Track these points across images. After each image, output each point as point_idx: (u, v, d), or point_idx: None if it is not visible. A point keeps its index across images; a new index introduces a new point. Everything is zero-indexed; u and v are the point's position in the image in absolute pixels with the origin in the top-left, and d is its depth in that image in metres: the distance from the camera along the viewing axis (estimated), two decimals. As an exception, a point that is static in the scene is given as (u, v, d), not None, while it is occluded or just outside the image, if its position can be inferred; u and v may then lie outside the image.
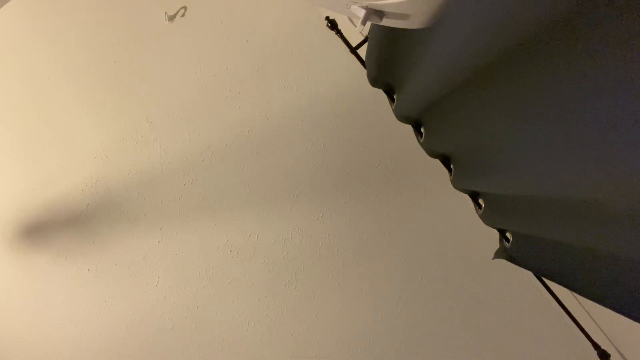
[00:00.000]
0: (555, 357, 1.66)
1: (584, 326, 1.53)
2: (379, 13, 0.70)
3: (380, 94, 1.59)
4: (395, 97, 1.51)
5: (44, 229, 1.69)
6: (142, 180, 1.71)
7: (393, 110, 1.55)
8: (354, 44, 1.58)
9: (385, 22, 0.73)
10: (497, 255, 1.55)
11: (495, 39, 0.71)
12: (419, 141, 1.55)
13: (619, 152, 0.59)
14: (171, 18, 1.75)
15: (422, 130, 1.50)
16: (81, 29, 1.74)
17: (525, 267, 1.38)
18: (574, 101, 0.64)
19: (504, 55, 0.73)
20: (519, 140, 0.87)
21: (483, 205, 1.49)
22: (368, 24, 0.73)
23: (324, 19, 1.61)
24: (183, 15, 1.76)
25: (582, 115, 0.64)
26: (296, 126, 1.74)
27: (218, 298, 1.70)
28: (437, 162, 1.58)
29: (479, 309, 1.70)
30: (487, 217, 1.47)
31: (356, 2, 0.70)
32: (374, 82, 1.53)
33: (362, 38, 1.57)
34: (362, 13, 0.70)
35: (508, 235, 1.50)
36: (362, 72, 1.61)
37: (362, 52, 1.56)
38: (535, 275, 1.57)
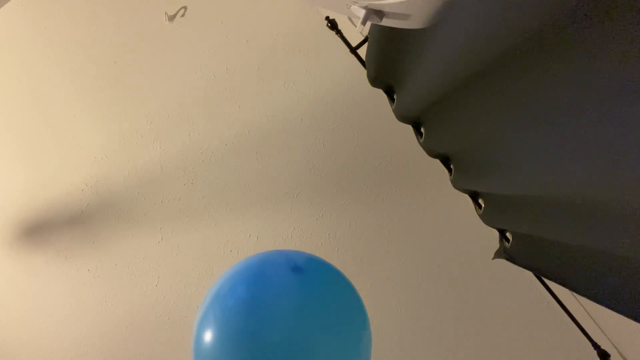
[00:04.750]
0: (555, 357, 1.66)
1: (584, 326, 1.53)
2: (379, 13, 0.71)
3: (380, 94, 1.59)
4: (395, 97, 1.51)
5: (44, 229, 1.69)
6: (142, 180, 1.71)
7: (393, 110, 1.55)
8: (354, 44, 1.58)
9: (385, 22, 0.73)
10: (497, 255, 1.55)
11: (495, 39, 0.71)
12: (419, 141, 1.55)
13: (619, 153, 0.59)
14: (171, 18, 1.75)
15: (422, 130, 1.50)
16: (81, 28, 1.74)
17: (525, 267, 1.38)
18: (574, 102, 0.64)
19: (504, 56, 0.73)
20: (519, 140, 0.87)
21: (483, 205, 1.49)
22: (368, 24, 0.73)
23: (324, 19, 1.61)
24: (183, 15, 1.76)
25: (581, 116, 0.64)
26: (296, 126, 1.74)
27: (218, 298, 1.70)
28: (437, 162, 1.58)
29: (479, 309, 1.70)
30: (487, 217, 1.47)
31: (356, 2, 0.70)
32: (374, 82, 1.53)
33: (362, 38, 1.57)
34: (362, 13, 0.70)
35: (508, 235, 1.50)
36: (362, 72, 1.61)
37: (362, 52, 1.56)
38: (535, 275, 1.57)
